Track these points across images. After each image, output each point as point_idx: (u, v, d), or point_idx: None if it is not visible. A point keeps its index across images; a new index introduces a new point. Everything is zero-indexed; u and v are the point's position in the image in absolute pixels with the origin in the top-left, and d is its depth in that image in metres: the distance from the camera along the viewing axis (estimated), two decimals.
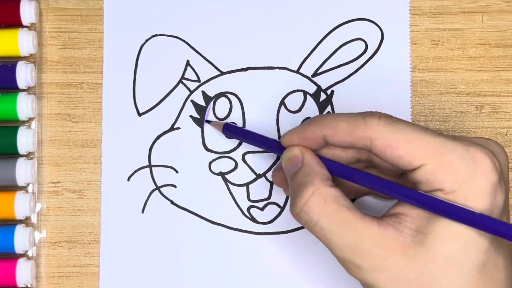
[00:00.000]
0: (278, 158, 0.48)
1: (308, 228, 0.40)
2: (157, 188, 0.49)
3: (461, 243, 0.37)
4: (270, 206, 0.48)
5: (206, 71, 0.49)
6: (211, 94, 0.49)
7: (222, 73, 0.49)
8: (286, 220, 0.48)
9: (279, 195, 0.48)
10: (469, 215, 0.36)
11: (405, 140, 0.38)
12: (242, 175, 0.49)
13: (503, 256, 0.38)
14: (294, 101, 0.49)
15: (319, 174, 0.40)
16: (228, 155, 0.49)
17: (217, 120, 0.49)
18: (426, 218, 0.37)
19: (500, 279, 0.38)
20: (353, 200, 0.46)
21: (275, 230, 0.48)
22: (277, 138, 0.49)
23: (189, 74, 0.49)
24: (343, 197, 0.39)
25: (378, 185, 0.39)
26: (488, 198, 0.37)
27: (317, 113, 0.49)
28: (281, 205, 0.48)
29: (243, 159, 0.49)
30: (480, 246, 0.37)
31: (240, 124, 0.49)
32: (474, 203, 0.36)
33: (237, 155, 0.49)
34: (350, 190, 0.44)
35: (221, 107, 0.49)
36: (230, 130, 0.47)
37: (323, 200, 0.39)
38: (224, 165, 0.49)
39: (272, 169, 0.48)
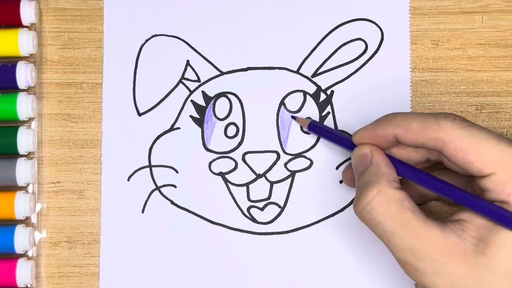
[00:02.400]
0: (277, 158, 0.48)
1: (370, 227, 0.40)
2: (157, 188, 0.49)
3: None
4: (270, 206, 0.48)
5: (206, 71, 0.49)
6: (211, 94, 0.49)
7: (222, 73, 0.49)
8: (286, 220, 0.48)
9: (279, 195, 0.48)
10: None
11: (478, 147, 0.38)
12: (242, 175, 0.49)
13: None
14: (294, 101, 0.49)
15: (386, 175, 0.40)
16: (228, 155, 0.49)
17: (302, 117, 0.48)
18: (489, 227, 0.37)
19: None
20: (420, 205, 0.46)
21: (275, 230, 0.48)
22: (276, 138, 0.49)
23: (189, 74, 0.49)
24: (408, 200, 0.39)
25: (444, 190, 0.39)
26: None
27: (317, 113, 0.49)
28: (281, 205, 0.48)
29: (243, 159, 0.49)
30: None
31: (240, 124, 0.49)
32: None
33: (237, 155, 0.49)
34: (417, 194, 0.44)
35: (221, 107, 0.49)
36: (314, 127, 0.47)
37: (387, 201, 0.39)
38: (224, 165, 0.49)
39: (343, 168, 0.48)
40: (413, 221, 0.38)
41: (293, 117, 0.48)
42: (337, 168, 0.48)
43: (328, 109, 0.49)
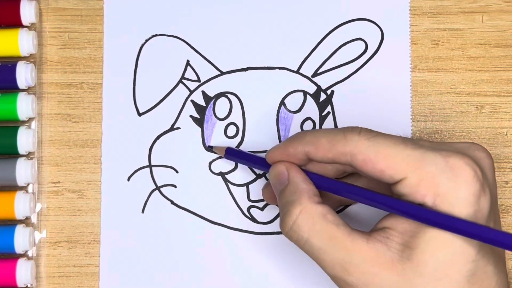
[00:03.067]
0: None
1: (299, 246, 0.40)
2: (157, 188, 0.49)
3: (447, 255, 0.37)
4: (270, 206, 0.48)
5: (206, 71, 0.49)
6: (211, 94, 0.49)
7: (222, 73, 0.49)
8: None
9: None
10: (454, 222, 0.36)
11: (385, 154, 0.38)
12: (242, 175, 0.49)
13: (493, 264, 0.38)
14: (294, 101, 0.49)
15: (305, 191, 0.40)
16: None
17: (219, 146, 0.48)
18: (412, 232, 0.37)
19: (490, 286, 0.38)
20: (343, 209, 0.47)
21: (275, 230, 0.48)
22: (276, 138, 0.49)
23: (189, 74, 0.49)
24: (331, 213, 0.39)
25: (364, 197, 0.40)
26: (470, 207, 0.36)
27: (317, 113, 0.49)
28: None
29: None
30: (467, 256, 0.37)
31: (240, 124, 0.49)
32: (457, 214, 0.36)
33: None
34: (338, 201, 0.44)
35: (221, 107, 0.49)
36: (231, 153, 0.47)
37: (311, 218, 0.39)
38: (224, 165, 0.49)
39: (262, 187, 0.48)
40: (339, 234, 0.38)
41: (209, 147, 0.48)
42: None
43: (328, 109, 0.49)
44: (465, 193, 0.37)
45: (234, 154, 0.47)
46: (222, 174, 0.49)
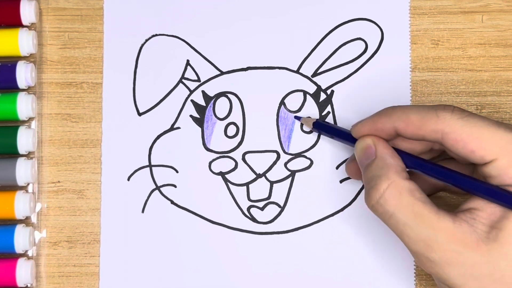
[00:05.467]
0: (278, 158, 0.48)
1: (383, 220, 0.40)
2: (157, 188, 0.49)
3: None
4: (270, 206, 0.48)
5: (206, 71, 0.49)
6: (211, 94, 0.49)
7: (222, 73, 0.49)
8: (286, 220, 0.48)
9: (279, 195, 0.48)
10: None
11: (477, 135, 0.38)
12: (242, 175, 0.49)
13: None
14: (294, 101, 0.49)
15: (393, 166, 0.40)
16: (228, 155, 0.49)
17: (308, 118, 0.48)
18: (500, 214, 0.38)
19: None
20: (429, 196, 0.46)
21: (275, 230, 0.48)
22: (276, 138, 0.49)
23: (189, 74, 0.49)
24: (419, 191, 0.39)
25: (452, 178, 0.40)
26: None
27: (317, 113, 0.49)
28: (281, 205, 0.48)
29: (243, 159, 0.49)
30: None
31: (240, 124, 0.49)
32: None
33: (237, 155, 0.49)
34: (425, 184, 0.44)
35: (221, 107, 0.49)
36: (319, 126, 0.47)
37: (398, 193, 0.39)
38: (224, 165, 0.49)
39: (346, 161, 0.47)
40: (425, 212, 0.39)
41: (296, 118, 0.48)
42: (337, 168, 0.48)
43: (328, 108, 0.49)
44: None
45: (321, 128, 0.47)
46: (222, 174, 0.49)
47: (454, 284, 0.38)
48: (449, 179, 0.40)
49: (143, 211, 0.49)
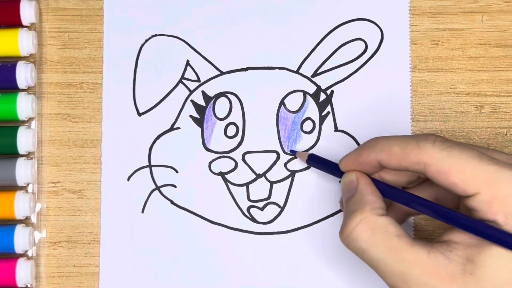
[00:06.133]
0: (277, 158, 0.48)
1: (357, 255, 0.40)
2: (157, 188, 0.49)
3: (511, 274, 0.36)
4: (270, 206, 0.48)
5: (206, 71, 0.49)
6: (211, 94, 0.49)
7: (222, 73, 0.49)
8: (286, 220, 0.48)
9: (279, 195, 0.48)
10: None
11: (459, 168, 0.37)
12: (242, 175, 0.49)
13: None
14: (294, 101, 0.49)
15: (370, 202, 0.40)
16: (228, 155, 0.49)
17: (302, 152, 0.48)
18: (477, 247, 0.37)
19: None
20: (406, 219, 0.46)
21: (275, 230, 0.48)
22: (276, 138, 0.49)
23: (189, 74, 0.49)
24: (393, 225, 0.39)
25: (432, 211, 0.39)
26: None
27: (317, 113, 0.49)
28: (281, 205, 0.48)
29: (243, 159, 0.49)
30: None
31: (240, 124, 0.49)
32: None
33: (237, 155, 0.49)
34: (405, 211, 0.44)
35: (221, 107, 0.49)
36: (313, 159, 0.47)
37: (370, 229, 0.39)
38: (224, 165, 0.49)
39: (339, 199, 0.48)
40: (400, 246, 0.38)
41: (292, 151, 0.48)
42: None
43: (328, 109, 0.49)
44: None
45: (314, 160, 0.47)
46: (222, 174, 0.49)
47: None
48: (429, 211, 0.40)
49: (143, 211, 0.49)
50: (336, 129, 0.48)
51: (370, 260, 0.39)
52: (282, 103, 0.49)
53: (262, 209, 0.48)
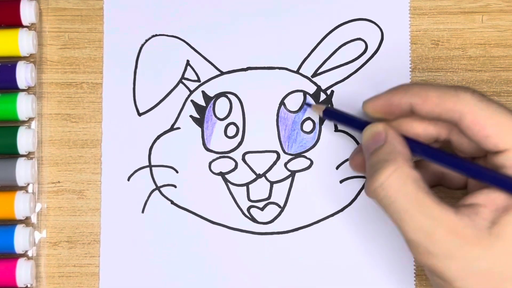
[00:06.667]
0: (277, 158, 0.48)
1: (383, 206, 0.39)
2: (157, 188, 0.49)
3: None
4: (270, 206, 0.48)
5: (206, 71, 0.49)
6: (211, 94, 0.49)
7: (222, 73, 0.49)
8: (286, 220, 0.48)
9: (279, 195, 0.48)
10: None
11: (496, 121, 0.38)
12: (242, 175, 0.49)
13: None
14: (294, 101, 0.49)
15: (402, 153, 0.40)
16: (228, 155, 0.49)
17: (318, 105, 0.48)
18: (503, 209, 0.37)
19: None
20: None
21: (275, 230, 0.48)
22: (276, 138, 0.49)
23: (189, 74, 0.49)
24: (423, 181, 0.39)
25: (461, 165, 0.39)
26: None
27: (317, 113, 0.49)
28: (281, 205, 0.48)
29: (243, 159, 0.49)
30: None
31: (240, 124, 0.49)
32: None
33: (237, 155, 0.49)
34: (426, 175, 0.43)
35: (221, 107, 0.49)
36: (329, 113, 0.47)
37: (403, 180, 0.38)
38: (224, 165, 0.49)
39: (351, 154, 0.47)
40: (428, 201, 0.38)
41: (307, 104, 0.48)
42: (337, 168, 0.48)
43: None
44: None
45: (331, 115, 0.47)
46: (222, 174, 0.49)
47: (451, 278, 0.38)
48: (457, 166, 0.39)
49: (143, 211, 0.49)
50: (336, 129, 0.48)
51: (397, 212, 0.38)
52: (282, 103, 0.49)
53: (262, 209, 0.48)
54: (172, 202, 0.49)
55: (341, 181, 0.48)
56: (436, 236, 0.37)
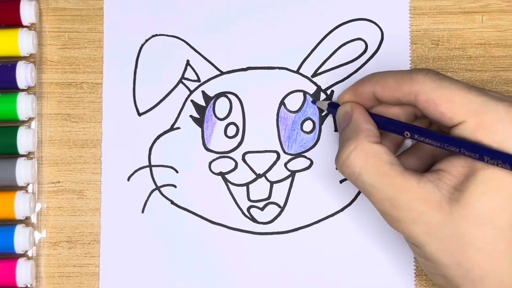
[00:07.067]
0: (277, 158, 0.48)
1: (351, 181, 0.42)
2: (157, 188, 0.49)
3: (496, 201, 0.37)
4: (270, 206, 0.48)
5: (206, 71, 0.49)
6: (211, 94, 0.49)
7: (222, 73, 0.49)
8: (286, 220, 0.48)
9: (279, 195, 0.48)
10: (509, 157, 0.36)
11: (448, 98, 0.39)
12: (242, 175, 0.49)
13: None
14: (294, 101, 0.49)
15: (364, 130, 0.42)
16: (228, 155, 0.49)
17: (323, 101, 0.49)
18: (464, 175, 0.38)
19: None
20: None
21: (275, 230, 0.48)
22: (276, 138, 0.49)
23: (189, 74, 0.49)
24: (387, 153, 0.41)
25: (425, 135, 0.40)
26: None
27: (317, 114, 0.49)
28: (281, 205, 0.48)
29: (243, 159, 0.49)
30: None
31: (240, 124, 0.49)
32: None
33: (237, 155, 0.49)
34: (398, 142, 0.46)
35: (221, 107, 0.49)
36: (334, 107, 0.47)
37: (364, 155, 0.41)
38: (224, 165, 0.49)
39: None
40: (391, 172, 0.40)
41: (313, 102, 0.48)
42: (337, 168, 0.48)
43: None
44: None
45: (336, 107, 0.47)
46: (222, 174, 0.49)
47: (419, 242, 0.39)
48: (423, 136, 0.41)
49: (143, 211, 0.49)
50: (336, 129, 0.48)
51: (363, 186, 0.41)
52: (282, 103, 0.49)
53: (262, 209, 0.48)
54: (172, 202, 0.49)
55: (341, 181, 0.48)
56: (400, 204, 0.39)
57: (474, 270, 0.38)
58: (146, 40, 0.50)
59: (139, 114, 0.49)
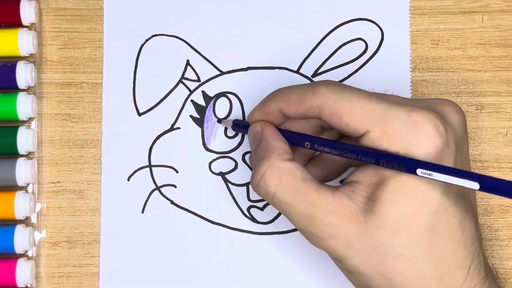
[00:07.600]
0: None
1: (268, 201, 0.41)
2: (157, 188, 0.49)
3: (408, 207, 0.37)
4: (270, 206, 0.48)
5: (206, 71, 0.49)
6: (211, 94, 0.49)
7: (222, 73, 0.49)
8: (286, 220, 0.48)
9: None
10: (415, 163, 0.36)
11: (350, 108, 0.38)
12: (242, 175, 0.49)
13: (458, 216, 0.38)
14: None
15: (275, 148, 0.41)
16: (228, 155, 0.49)
17: (228, 120, 0.49)
18: (376, 185, 0.38)
19: (455, 239, 0.38)
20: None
21: (275, 230, 0.48)
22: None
23: (189, 74, 0.49)
24: (300, 169, 0.40)
25: (334, 148, 0.40)
26: (432, 161, 0.37)
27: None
28: None
29: (243, 159, 0.49)
30: (429, 209, 0.37)
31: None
32: None
33: (237, 155, 0.49)
34: (309, 155, 0.45)
35: (221, 107, 0.49)
36: (238, 125, 0.47)
37: (278, 174, 0.40)
38: (224, 165, 0.49)
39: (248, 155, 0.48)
40: (306, 189, 0.39)
41: (219, 121, 0.48)
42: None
43: None
44: (426, 147, 0.37)
45: (239, 125, 0.47)
46: (222, 174, 0.49)
47: (339, 256, 0.39)
48: (332, 149, 0.40)
49: (143, 211, 0.49)
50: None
51: (279, 205, 0.40)
52: None
53: (262, 209, 0.48)
54: (172, 202, 0.49)
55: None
56: (317, 220, 0.39)
57: (396, 278, 0.38)
58: (146, 40, 0.50)
59: (139, 114, 0.49)
